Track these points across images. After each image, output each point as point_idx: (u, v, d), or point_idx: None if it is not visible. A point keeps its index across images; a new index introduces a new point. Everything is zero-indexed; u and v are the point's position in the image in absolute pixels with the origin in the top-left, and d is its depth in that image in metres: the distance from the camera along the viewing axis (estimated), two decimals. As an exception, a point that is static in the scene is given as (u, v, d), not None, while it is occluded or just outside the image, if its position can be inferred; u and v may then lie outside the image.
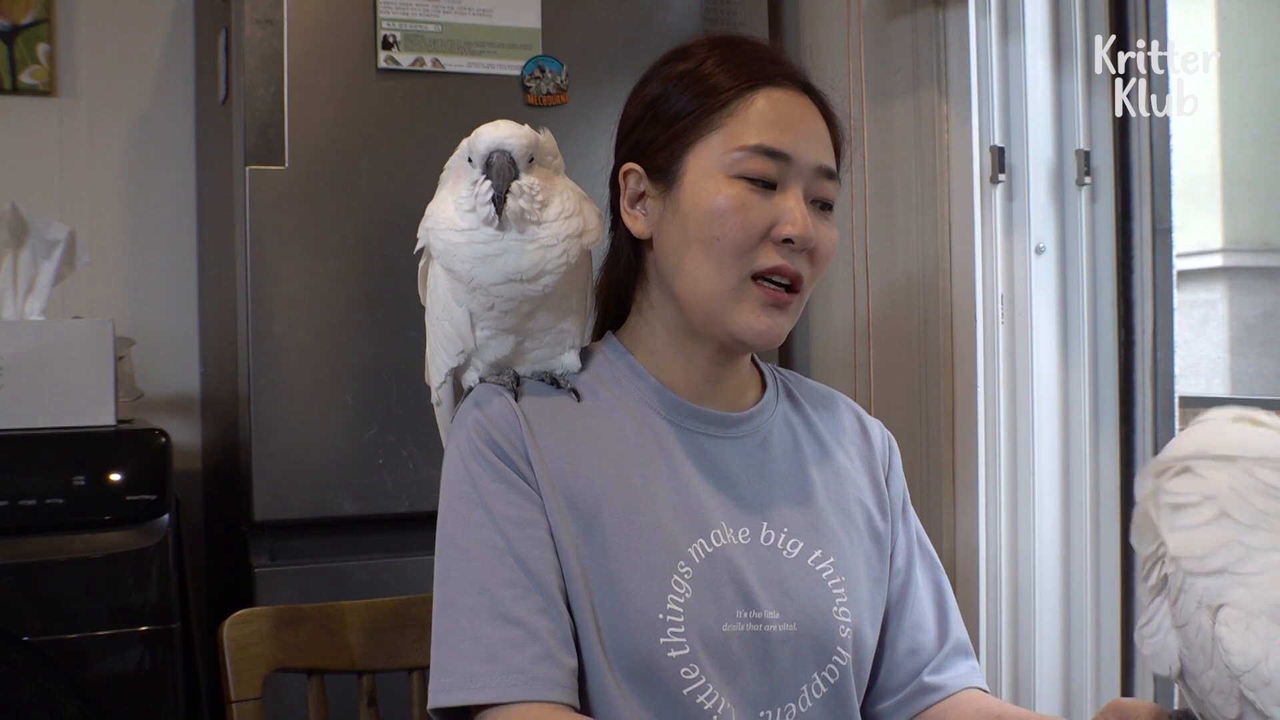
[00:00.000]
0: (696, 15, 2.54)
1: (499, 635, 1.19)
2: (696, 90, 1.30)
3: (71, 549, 2.14)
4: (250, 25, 2.23)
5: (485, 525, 1.24)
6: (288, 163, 2.24)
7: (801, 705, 1.28)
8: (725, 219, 1.25)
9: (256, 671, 1.43)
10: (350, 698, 1.51)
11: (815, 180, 1.29)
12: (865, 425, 1.47)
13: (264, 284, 2.23)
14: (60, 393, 2.27)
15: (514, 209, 1.22)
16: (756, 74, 1.30)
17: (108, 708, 2.11)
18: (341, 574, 2.25)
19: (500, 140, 1.23)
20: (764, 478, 1.34)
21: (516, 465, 1.26)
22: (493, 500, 1.24)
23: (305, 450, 2.25)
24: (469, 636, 1.20)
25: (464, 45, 2.33)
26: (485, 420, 1.27)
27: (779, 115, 1.28)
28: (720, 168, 1.27)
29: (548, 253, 1.25)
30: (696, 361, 1.34)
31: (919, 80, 2.42)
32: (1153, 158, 2.25)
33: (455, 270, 1.26)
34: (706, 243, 1.27)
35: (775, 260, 1.26)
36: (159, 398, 2.85)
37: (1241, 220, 2.24)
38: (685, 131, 1.30)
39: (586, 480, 1.27)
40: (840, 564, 1.33)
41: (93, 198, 2.95)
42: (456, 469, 1.28)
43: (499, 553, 1.22)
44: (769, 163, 1.26)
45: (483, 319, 1.28)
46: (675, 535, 1.26)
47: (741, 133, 1.27)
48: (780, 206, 1.26)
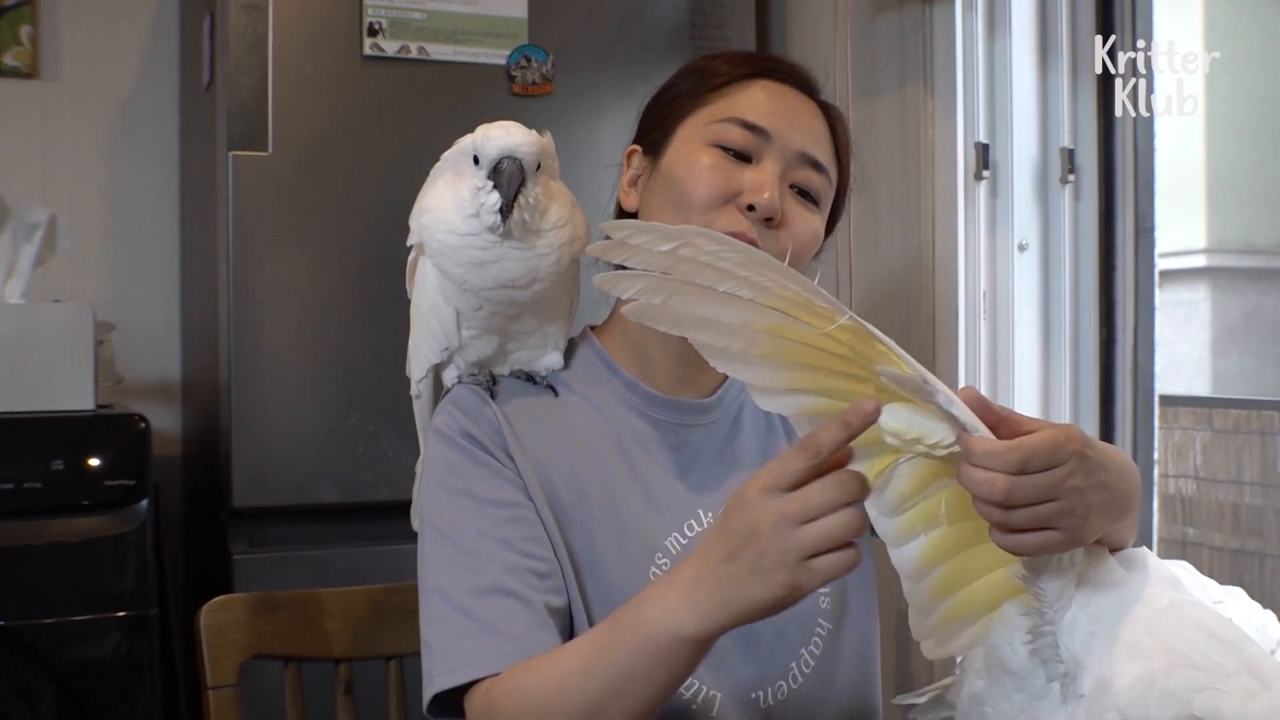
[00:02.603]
0: (684, 8, 2.53)
1: (493, 608, 1.18)
2: (698, 76, 1.34)
3: (49, 534, 2.13)
4: (235, 10, 2.22)
5: (471, 511, 1.23)
6: (271, 149, 2.23)
7: (792, 681, 1.29)
8: (691, 178, 1.28)
9: (233, 658, 1.43)
10: (327, 685, 1.51)
11: (797, 165, 1.30)
12: None
13: (246, 270, 2.23)
14: (40, 377, 2.26)
15: (518, 220, 1.21)
16: (758, 67, 1.34)
17: (84, 693, 2.10)
18: (320, 562, 2.25)
19: (512, 147, 1.20)
20: (737, 461, 1.35)
21: (497, 457, 1.26)
22: (477, 486, 1.24)
23: (285, 438, 2.24)
24: (463, 615, 1.19)
25: (450, 33, 2.33)
26: (464, 418, 1.28)
27: (769, 99, 1.31)
28: (700, 137, 1.30)
29: (541, 261, 1.24)
30: (671, 341, 1.33)
31: (905, 76, 2.42)
32: (1136, 157, 2.26)
33: (448, 271, 1.25)
34: (674, 200, 1.29)
35: (737, 225, 1.26)
36: (139, 383, 2.84)
37: (1225, 221, 2.25)
38: (679, 108, 1.33)
39: (567, 473, 1.27)
40: None
41: (75, 181, 2.93)
42: (438, 462, 1.28)
43: (487, 537, 1.22)
44: (747, 135, 1.28)
45: (469, 319, 1.28)
46: (653, 528, 1.27)
47: (726, 108, 1.30)
48: (750, 177, 1.27)
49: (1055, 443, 0.95)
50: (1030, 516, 0.94)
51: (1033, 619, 1.01)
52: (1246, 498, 1.75)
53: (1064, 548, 0.98)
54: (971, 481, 0.94)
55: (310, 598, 1.51)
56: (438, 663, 1.19)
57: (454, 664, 1.18)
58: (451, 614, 1.20)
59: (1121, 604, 0.99)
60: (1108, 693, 0.95)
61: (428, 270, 1.28)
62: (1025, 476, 0.93)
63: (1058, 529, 0.96)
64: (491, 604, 1.19)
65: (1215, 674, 0.91)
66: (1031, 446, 0.93)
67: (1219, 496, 1.77)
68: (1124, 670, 0.94)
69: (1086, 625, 0.98)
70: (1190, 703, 0.90)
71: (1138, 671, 0.93)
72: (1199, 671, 0.92)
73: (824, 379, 1.03)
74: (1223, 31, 1.99)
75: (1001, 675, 1.03)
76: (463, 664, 1.17)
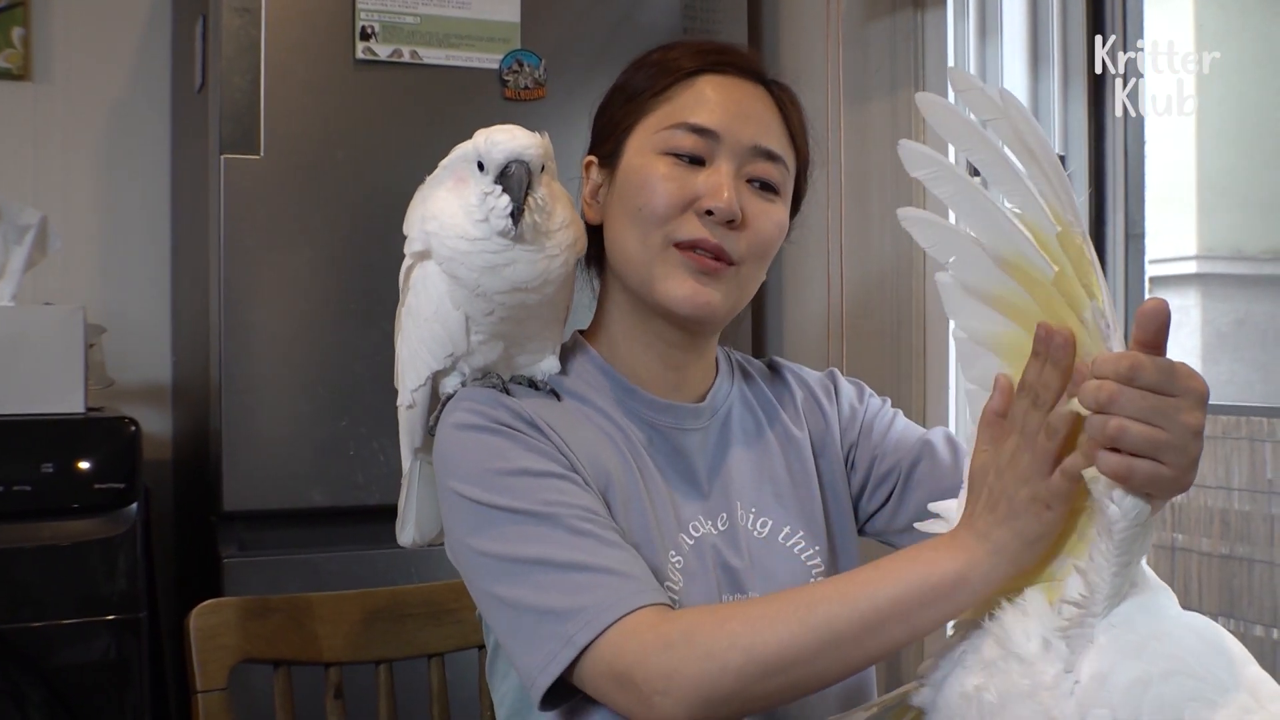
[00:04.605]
0: (676, 13, 2.54)
1: (605, 556, 1.15)
2: (639, 82, 1.34)
3: (39, 537, 2.13)
4: (228, 13, 2.22)
5: (533, 486, 1.19)
6: (263, 152, 2.23)
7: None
8: (647, 190, 1.28)
9: (223, 662, 1.42)
10: (317, 690, 1.50)
11: (751, 160, 1.30)
12: (806, 380, 1.48)
13: (237, 273, 2.23)
14: (30, 379, 2.26)
15: (529, 222, 1.21)
16: (699, 64, 1.33)
17: (73, 697, 2.10)
18: (311, 566, 2.24)
19: (519, 151, 1.20)
20: (730, 462, 1.35)
21: (535, 437, 1.24)
22: (528, 462, 1.21)
23: (276, 441, 2.24)
24: (578, 570, 1.14)
25: (442, 38, 2.33)
26: (489, 408, 1.25)
27: (715, 97, 1.30)
28: (651, 146, 1.30)
29: (552, 262, 1.24)
30: (654, 345, 1.34)
31: (896, 81, 2.42)
32: (1127, 162, 2.26)
33: (460, 276, 1.24)
34: (632, 214, 1.29)
35: (698, 232, 1.26)
36: (130, 386, 2.84)
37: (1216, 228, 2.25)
38: (626, 117, 1.33)
39: (592, 467, 1.25)
40: (810, 534, 1.35)
41: (66, 183, 2.93)
42: (476, 451, 1.23)
43: (560, 504, 1.18)
44: (696, 139, 1.28)
45: (479, 324, 1.27)
46: (665, 525, 1.27)
47: (673, 113, 1.30)
48: (705, 181, 1.27)
49: (1172, 367, 0.93)
50: (1140, 436, 0.92)
51: (1074, 609, 0.99)
52: (1235, 504, 1.76)
53: (1167, 490, 0.95)
54: (1083, 391, 0.94)
55: (300, 602, 1.51)
56: (570, 622, 1.11)
57: (592, 615, 1.11)
58: (564, 573, 1.14)
59: (1139, 607, 0.98)
60: (1103, 688, 0.94)
61: (431, 277, 1.26)
62: (1133, 389, 0.92)
63: (1166, 464, 0.93)
64: (605, 553, 1.15)
65: (1212, 687, 0.91)
66: (1146, 359, 0.92)
67: (1208, 502, 1.77)
68: (1123, 668, 0.94)
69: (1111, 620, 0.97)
70: (1182, 711, 0.90)
71: (1136, 672, 0.93)
72: (1196, 682, 0.91)
73: (1023, 340, 1.04)
74: (1213, 36, 2.00)
75: (1010, 662, 1.02)
76: (603, 610, 1.11)
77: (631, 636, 1.10)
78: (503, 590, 1.17)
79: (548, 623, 1.13)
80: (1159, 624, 0.96)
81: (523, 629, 1.15)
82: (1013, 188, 1.03)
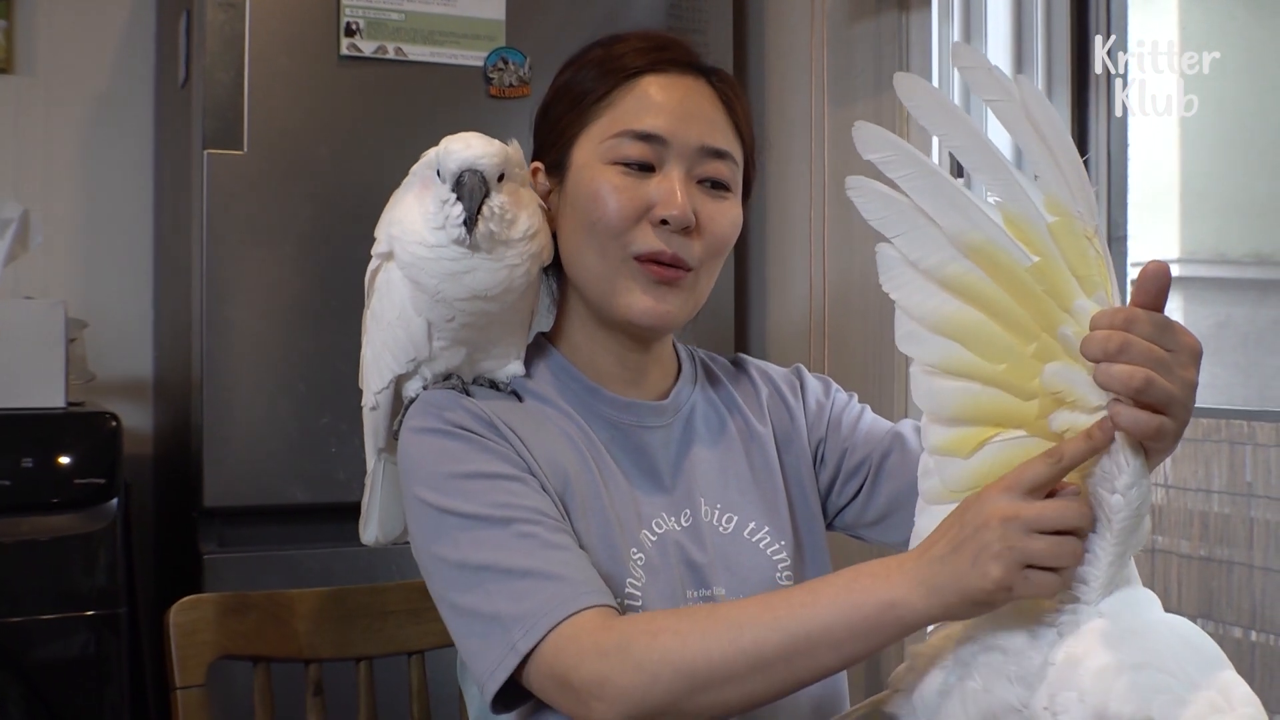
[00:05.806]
0: (661, 10, 2.54)
1: (552, 560, 1.16)
2: (582, 85, 1.33)
3: (18, 531, 2.12)
4: (212, 8, 2.22)
5: (488, 489, 1.20)
6: (246, 147, 2.23)
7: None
8: (599, 203, 1.27)
9: (202, 658, 1.42)
10: (297, 686, 1.50)
11: (700, 160, 1.29)
12: (771, 376, 1.48)
13: (220, 269, 2.22)
14: (10, 373, 2.25)
15: (484, 231, 1.21)
16: (641, 62, 1.32)
17: (52, 692, 2.09)
18: (291, 562, 2.24)
19: (471, 160, 1.20)
20: (693, 459, 1.36)
21: (493, 439, 1.24)
22: (484, 465, 1.22)
23: (257, 437, 2.24)
24: (522, 576, 1.15)
25: (427, 34, 2.32)
26: (448, 412, 1.26)
27: (658, 99, 1.29)
28: (597, 156, 1.29)
29: (514, 271, 1.24)
30: (612, 349, 1.34)
31: (881, 82, 2.43)
32: (1110, 166, 2.26)
33: (421, 282, 1.24)
34: (587, 228, 1.28)
35: (654, 244, 1.26)
36: (111, 381, 2.83)
37: (1197, 231, 2.26)
38: (569, 125, 1.32)
39: (550, 466, 1.26)
40: (775, 529, 1.35)
41: (48, 177, 2.92)
42: (434, 454, 1.24)
43: (513, 506, 1.19)
44: (644, 146, 1.27)
45: (441, 329, 1.27)
46: (627, 523, 1.27)
47: (617, 120, 1.29)
48: (657, 188, 1.27)
49: (1169, 322, 0.94)
50: (1162, 388, 0.93)
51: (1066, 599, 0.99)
52: (1215, 506, 1.76)
53: (1169, 443, 0.96)
54: (1090, 343, 0.93)
55: (280, 598, 1.50)
56: (514, 629, 1.13)
57: (533, 621, 1.12)
58: (510, 580, 1.15)
59: (1127, 602, 0.98)
60: (1075, 671, 0.94)
61: (394, 280, 1.27)
62: (1137, 339, 0.92)
63: (1172, 418, 0.94)
64: (549, 556, 1.16)
65: (1183, 683, 0.91)
66: (1143, 312, 0.93)
67: (1188, 505, 1.78)
68: (1097, 655, 0.94)
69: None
70: (1150, 703, 0.90)
71: (1109, 660, 0.93)
72: (1167, 677, 0.91)
73: (988, 332, 1.02)
74: (1198, 39, 2.01)
75: (993, 654, 1.02)
76: (542, 615, 1.12)
77: (571, 641, 1.11)
78: (456, 597, 1.18)
79: (495, 629, 1.14)
80: (1141, 620, 0.97)
81: (474, 635, 1.17)
82: (994, 176, 1.02)
